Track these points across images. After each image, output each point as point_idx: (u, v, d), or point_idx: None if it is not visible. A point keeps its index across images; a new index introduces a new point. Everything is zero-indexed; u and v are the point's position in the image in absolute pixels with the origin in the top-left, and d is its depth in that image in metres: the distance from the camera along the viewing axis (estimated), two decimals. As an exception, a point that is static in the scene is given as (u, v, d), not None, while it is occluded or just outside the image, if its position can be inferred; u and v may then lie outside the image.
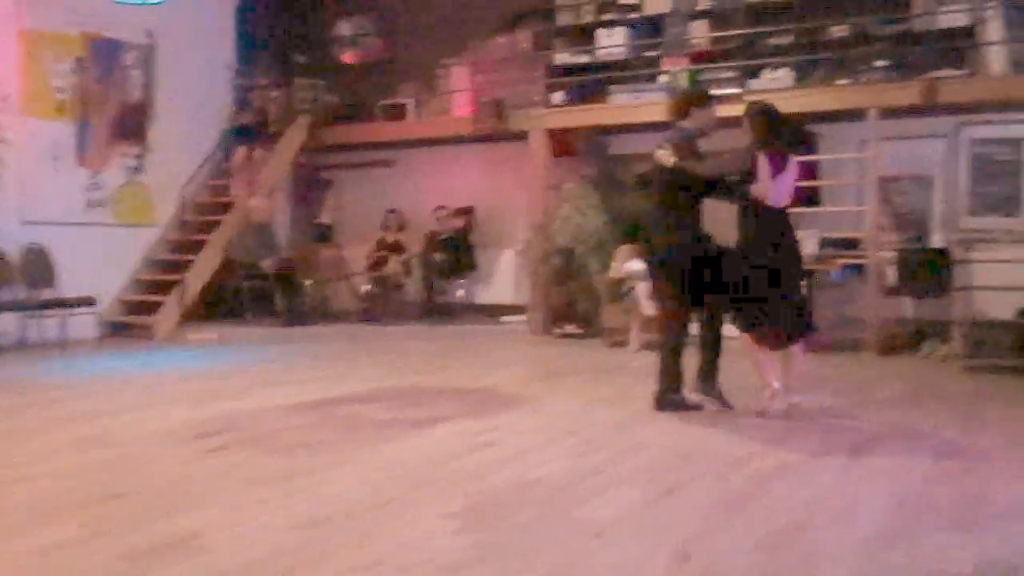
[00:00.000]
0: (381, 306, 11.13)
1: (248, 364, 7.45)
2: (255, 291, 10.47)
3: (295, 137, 11.04)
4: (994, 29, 8.21)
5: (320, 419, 5.08)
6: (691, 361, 5.28)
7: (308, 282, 11.18)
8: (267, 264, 10.24)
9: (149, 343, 8.98)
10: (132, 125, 9.99)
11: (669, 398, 5.26)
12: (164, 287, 9.71)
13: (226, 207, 10.56)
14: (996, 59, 8.17)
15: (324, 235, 11.75)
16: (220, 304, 10.54)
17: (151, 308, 9.54)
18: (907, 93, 8.11)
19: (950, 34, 8.47)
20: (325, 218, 11.82)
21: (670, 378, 5.25)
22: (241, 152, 10.71)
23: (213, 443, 4.45)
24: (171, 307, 9.54)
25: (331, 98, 11.20)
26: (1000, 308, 7.91)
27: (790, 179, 5.14)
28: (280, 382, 6.41)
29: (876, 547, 2.96)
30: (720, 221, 5.37)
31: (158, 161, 10.17)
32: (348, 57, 11.19)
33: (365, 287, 11.25)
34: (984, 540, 3.05)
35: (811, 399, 5.50)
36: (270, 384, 6.33)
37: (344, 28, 11.12)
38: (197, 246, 10.10)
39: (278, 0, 11.63)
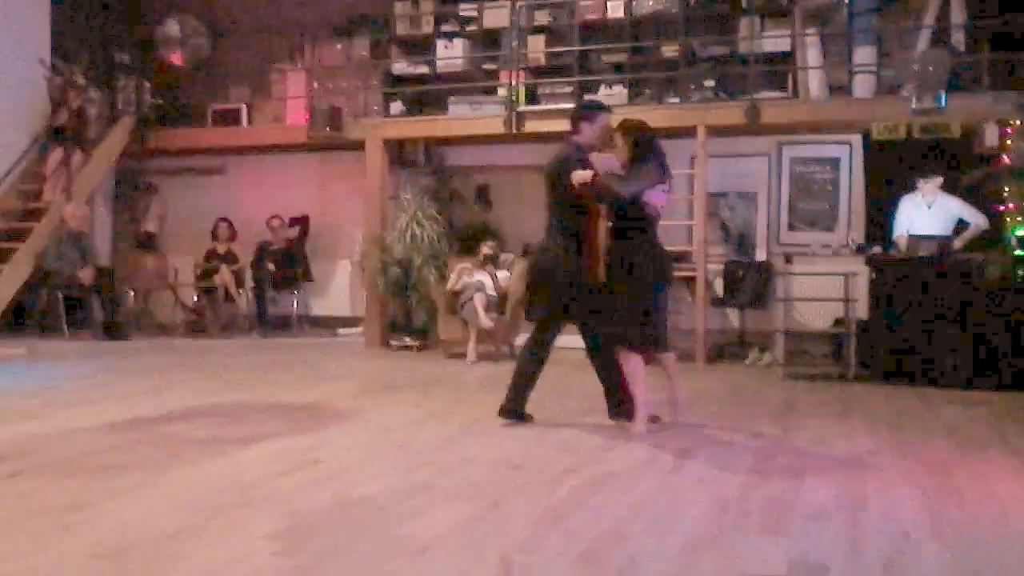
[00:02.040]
0: (210, 318, 10.69)
1: (58, 381, 6.94)
2: (70, 303, 9.84)
3: (116, 140, 10.43)
4: (812, 55, 8.67)
5: (132, 439, 4.76)
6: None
7: (130, 293, 10.61)
8: (84, 274, 9.64)
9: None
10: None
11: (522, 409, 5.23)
12: (-34, 298, 8.98)
13: (38, 213, 9.87)
14: (814, 84, 8.63)
15: (148, 243, 11.20)
16: (31, 317, 9.84)
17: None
18: (732, 113, 8.45)
19: (772, 58, 8.90)
20: (149, 226, 11.27)
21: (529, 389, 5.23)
22: (56, 155, 10.03)
23: (11, 467, 4.08)
24: (-26, 320, 8.83)
25: (156, 100, 10.66)
26: (817, 318, 8.34)
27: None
28: (92, 400, 6.00)
29: (694, 552, 3.00)
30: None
31: (-39, 162, 9.43)
32: (175, 58, 10.70)
33: (193, 298, 10.78)
34: (795, 541, 3.14)
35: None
36: (81, 402, 5.91)
37: (171, 27, 10.62)
38: (5, 254, 9.38)
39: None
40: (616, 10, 9.40)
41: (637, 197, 4.98)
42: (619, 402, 5.20)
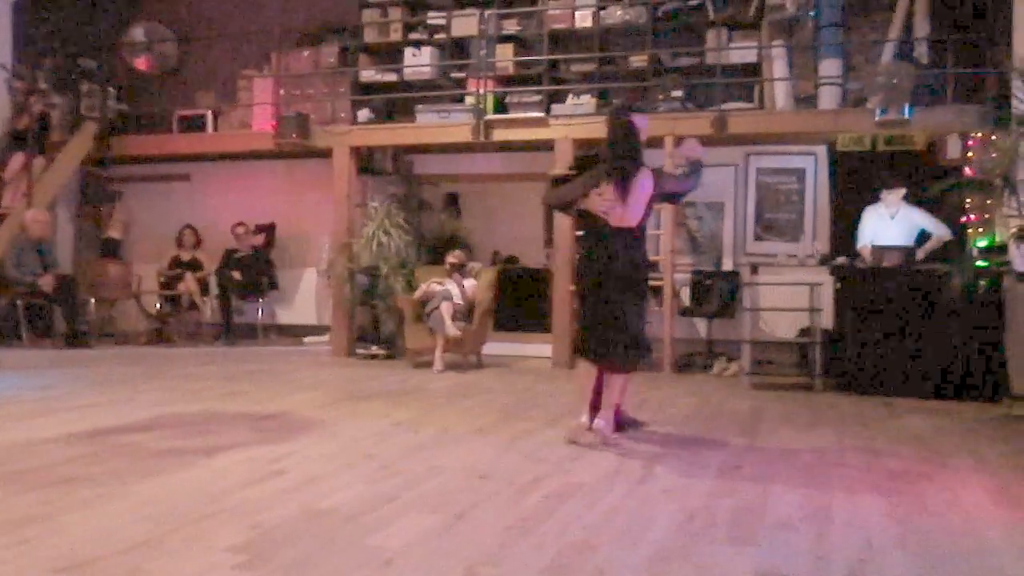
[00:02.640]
0: (174, 327, 10.57)
1: (18, 391, 6.80)
2: (31, 311, 9.68)
3: (79, 146, 10.31)
4: (779, 67, 8.76)
5: (95, 451, 4.67)
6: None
7: (92, 301, 10.46)
8: (45, 282, 9.48)
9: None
10: None
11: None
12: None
13: (-2, 220, 9.74)
14: (780, 95, 8.72)
15: (111, 250, 11.05)
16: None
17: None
18: (700, 123, 8.50)
19: (739, 70, 8.98)
20: (113, 233, 11.13)
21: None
22: (17, 160, 9.90)
23: (-34, 479, 4.00)
24: (-69, 328, 8.66)
25: (121, 106, 10.54)
26: (783, 328, 8.41)
27: (639, 198, 4.92)
28: (53, 410, 5.89)
29: (662, 562, 2.99)
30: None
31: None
32: (141, 64, 10.58)
33: (157, 306, 10.65)
34: (762, 550, 3.15)
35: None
36: (42, 413, 5.79)
37: (136, 33, 10.50)
38: (-37, 262, 9.24)
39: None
40: (584, 20, 9.45)
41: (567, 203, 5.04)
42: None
